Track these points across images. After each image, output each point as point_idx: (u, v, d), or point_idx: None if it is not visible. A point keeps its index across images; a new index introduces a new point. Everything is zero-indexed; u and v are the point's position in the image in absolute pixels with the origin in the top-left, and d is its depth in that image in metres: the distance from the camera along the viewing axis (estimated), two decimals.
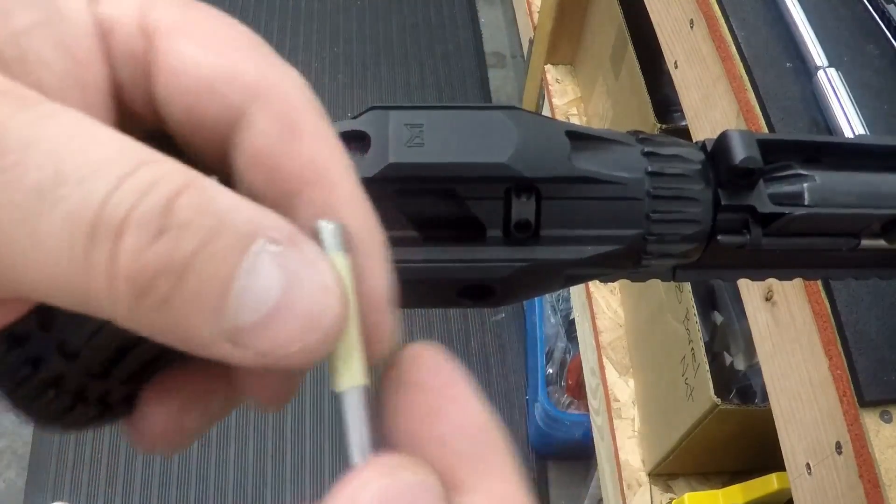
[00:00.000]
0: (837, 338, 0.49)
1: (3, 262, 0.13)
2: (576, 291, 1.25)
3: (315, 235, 0.15)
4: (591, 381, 1.15)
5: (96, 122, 0.14)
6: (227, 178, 0.16)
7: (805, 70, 0.60)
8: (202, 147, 0.17)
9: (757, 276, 0.30)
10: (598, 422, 1.12)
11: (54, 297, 0.14)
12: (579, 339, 1.22)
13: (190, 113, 0.16)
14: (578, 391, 1.28)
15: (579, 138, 0.26)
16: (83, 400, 0.19)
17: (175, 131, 0.17)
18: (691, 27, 0.71)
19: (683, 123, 0.80)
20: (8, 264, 0.13)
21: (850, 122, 0.55)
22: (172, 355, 0.18)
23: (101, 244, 0.13)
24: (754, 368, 0.86)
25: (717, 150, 0.26)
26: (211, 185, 0.14)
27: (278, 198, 0.16)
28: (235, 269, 0.14)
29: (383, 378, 0.17)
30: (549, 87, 1.43)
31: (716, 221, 0.26)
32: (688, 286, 0.90)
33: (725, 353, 0.91)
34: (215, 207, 0.14)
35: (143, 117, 0.17)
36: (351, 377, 0.16)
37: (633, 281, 0.29)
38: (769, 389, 0.58)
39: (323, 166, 0.16)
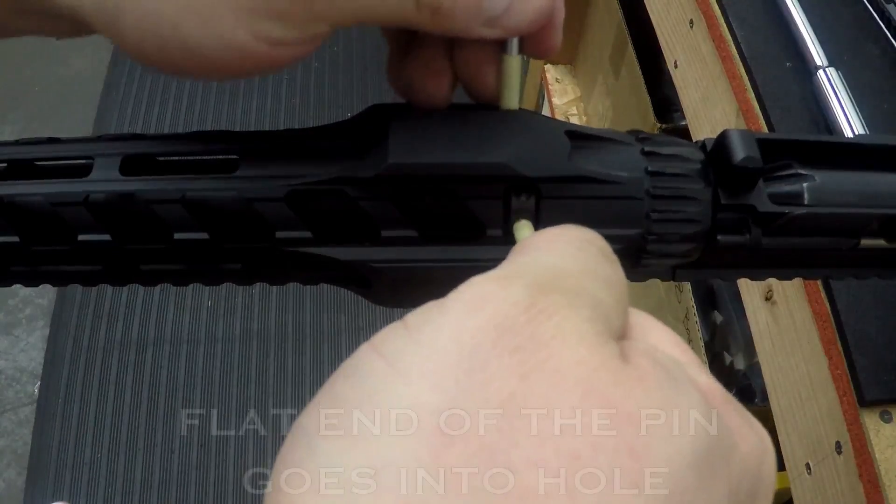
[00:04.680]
0: (837, 337, 0.49)
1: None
2: None
3: None
4: None
5: None
6: None
7: (805, 69, 0.60)
8: None
9: (757, 276, 0.30)
10: None
11: (379, 18, 0.22)
12: None
13: None
14: None
15: (579, 138, 0.26)
16: None
17: None
18: (691, 27, 0.70)
19: (683, 123, 0.80)
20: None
21: (850, 122, 0.55)
22: None
23: None
24: (754, 368, 0.86)
25: (717, 150, 0.26)
26: None
27: None
28: None
29: None
30: (549, 86, 1.43)
31: (715, 221, 0.26)
32: (688, 286, 0.90)
33: (725, 352, 0.91)
34: None
35: None
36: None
37: (632, 280, 0.29)
38: (769, 389, 0.58)
39: None
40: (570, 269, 0.18)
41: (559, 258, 0.18)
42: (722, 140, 0.26)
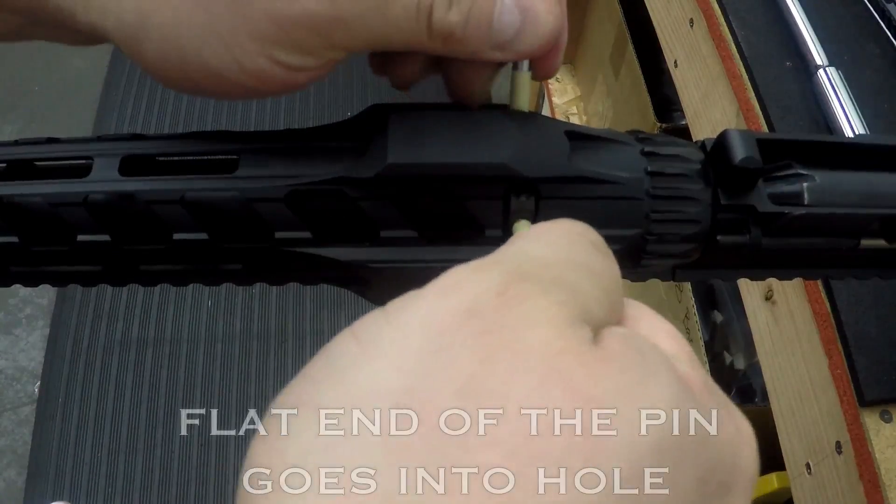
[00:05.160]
0: (837, 337, 0.49)
1: (361, 25, 0.22)
2: None
3: None
4: None
5: None
6: None
7: (805, 69, 0.60)
8: None
9: (757, 276, 0.30)
10: None
11: (393, 44, 0.23)
12: None
13: None
14: None
15: (579, 138, 0.26)
16: None
17: None
18: (691, 26, 0.70)
19: (683, 123, 0.80)
20: (364, 27, 0.22)
21: (850, 122, 0.55)
22: None
23: (422, 14, 0.22)
24: (754, 368, 0.86)
25: (717, 150, 0.26)
26: None
27: None
28: (492, 14, 0.23)
29: None
30: (549, 86, 1.43)
31: (715, 221, 0.26)
32: (688, 286, 0.90)
33: (725, 352, 0.91)
34: None
35: None
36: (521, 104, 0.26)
37: (632, 281, 0.29)
38: (769, 389, 0.58)
39: None
40: (553, 259, 0.18)
41: (545, 248, 0.18)
42: (722, 140, 0.26)
